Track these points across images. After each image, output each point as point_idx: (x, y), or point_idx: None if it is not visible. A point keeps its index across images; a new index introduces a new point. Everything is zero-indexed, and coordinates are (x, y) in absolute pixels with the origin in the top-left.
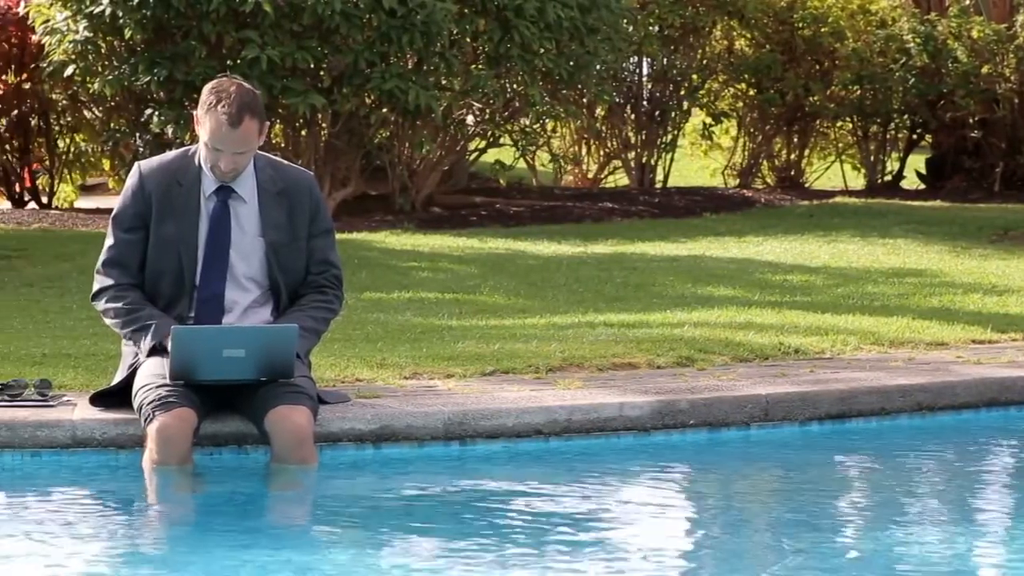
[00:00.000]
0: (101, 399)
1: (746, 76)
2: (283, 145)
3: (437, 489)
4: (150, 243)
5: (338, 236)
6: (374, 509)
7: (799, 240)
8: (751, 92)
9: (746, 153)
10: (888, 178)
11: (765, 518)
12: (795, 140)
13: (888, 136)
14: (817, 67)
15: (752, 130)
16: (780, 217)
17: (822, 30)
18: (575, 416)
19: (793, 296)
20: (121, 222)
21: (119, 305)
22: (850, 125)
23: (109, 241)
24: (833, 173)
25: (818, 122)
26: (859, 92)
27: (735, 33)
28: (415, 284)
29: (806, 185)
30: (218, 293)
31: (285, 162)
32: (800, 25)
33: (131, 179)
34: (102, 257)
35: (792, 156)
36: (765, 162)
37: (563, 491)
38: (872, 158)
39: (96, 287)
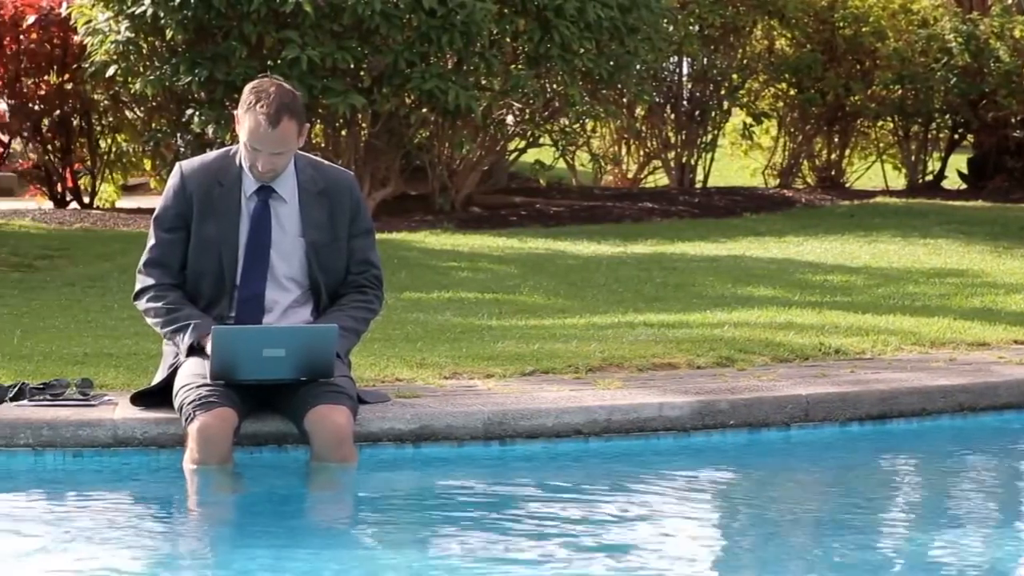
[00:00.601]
0: (142, 399)
1: (787, 76)
2: (323, 145)
3: (476, 489)
4: (191, 243)
5: (378, 236)
6: (413, 509)
7: (840, 240)
8: (792, 92)
9: (786, 153)
10: (929, 178)
11: (805, 519)
12: (836, 140)
13: (929, 136)
14: (858, 67)
15: (792, 130)
16: (821, 217)
17: (863, 30)
18: (615, 416)
19: (834, 296)
20: (162, 222)
21: (159, 305)
22: (891, 125)
23: (151, 241)
24: (874, 173)
25: (859, 122)
26: (900, 92)
27: (775, 33)
28: (455, 284)
29: (847, 185)
30: (258, 293)
31: (325, 162)
32: (841, 25)
33: (172, 179)
34: (144, 257)
35: (833, 156)
36: (806, 162)
37: (602, 491)
38: (913, 158)
39: (138, 287)
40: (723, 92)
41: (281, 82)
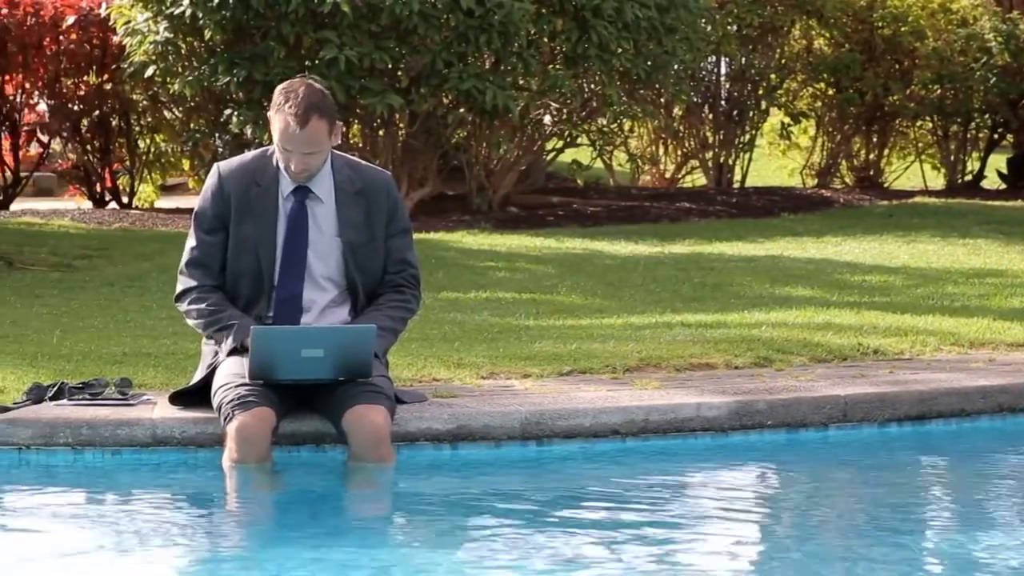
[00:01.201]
0: (180, 398)
1: (825, 75)
2: (361, 145)
3: (513, 489)
4: (229, 243)
5: (415, 236)
6: (451, 508)
7: (878, 240)
8: (830, 92)
9: (825, 153)
10: (968, 178)
11: (843, 520)
12: (874, 140)
13: (968, 135)
14: (897, 66)
15: (831, 130)
16: (859, 217)
17: (902, 29)
18: (652, 416)
19: (872, 297)
20: (202, 223)
21: (202, 307)
22: (930, 124)
23: (191, 242)
24: (912, 173)
25: (898, 121)
26: (939, 91)
27: (814, 32)
28: (492, 284)
29: (885, 185)
30: (296, 293)
31: (363, 162)
32: (880, 24)
33: (210, 180)
34: (185, 258)
35: (871, 156)
36: (844, 162)
37: (640, 491)
38: (952, 158)
39: (179, 288)
40: (761, 92)
41: (312, 82)
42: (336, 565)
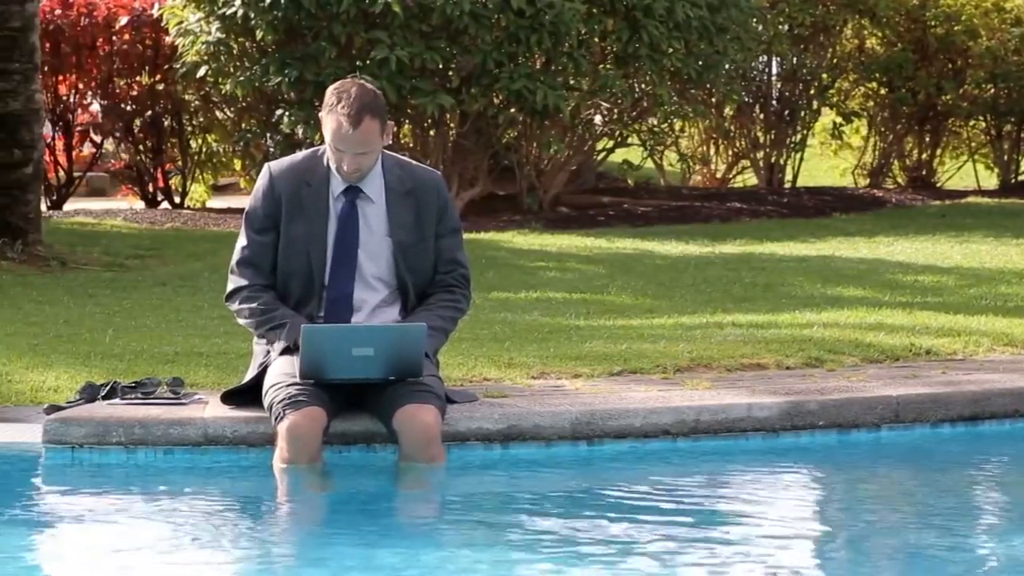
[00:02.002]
0: (232, 397)
1: (877, 75)
2: (411, 145)
3: (564, 489)
4: (280, 243)
5: (466, 236)
6: (501, 508)
7: (931, 240)
8: (882, 91)
9: (877, 152)
10: (1022, 177)
11: (895, 521)
12: (927, 139)
13: (1022, 135)
14: (950, 66)
15: (883, 129)
16: (911, 217)
17: (955, 28)
18: (703, 416)
19: (924, 297)
20: (253, 223)
21: (253, 306)
22: (983, 124)
23: (242, 241)
24: (965, 173)
25: (950, 121)
26: (993, 91)
27: (866, 32)
28: (543, 284)
29: (938, 185)
30: (347, 293)
31: (413, 162)
32: (932, 23)
33: (261, 180)
34: (235, 257)
35: (924, 156)
36: (896, 162)
37: (691, 492)
38: (1006, 157)
39: (230, 287)
40: (813, 91)
41: (363, 82)
42: (387, 565)
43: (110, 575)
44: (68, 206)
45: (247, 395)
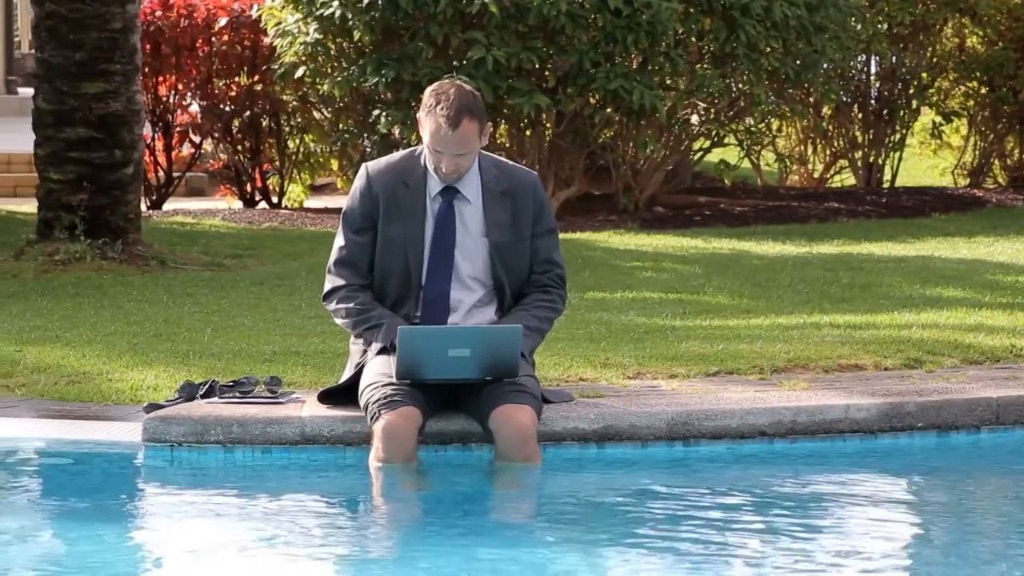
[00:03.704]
0: (329, 397)
1: (978, 74)
2: (508, 145)
3: (660, 490)
4: (377, 243)
5: (561, 236)
6: (597, 508)
7: None
8: (983, 90)
9: (977, 152)
10: None
11: (996, 523)
12: None
13: None
14: None
15: (983, 129)
16: (1012, 217)
17: None
18: (800, 417)
19: None
20: (350, 223)
21: (351, 306)
22: None
23: (340, 241)
24: None
25: None
26: None
27: (967, 30)
28: (639, 284)
29: None
30: (444, 293)
31: (509, 162)
32: None
33: (359, 180)
34: (333, 257)
35: None
36: (997, 161)
37: (788, 493)
38: None
39: (327, 287)
40: (912, 91)
41: (462, 83)
42: (483, 564)
43: (208, 574)
44: (167, 206)
45: (344, 395)
